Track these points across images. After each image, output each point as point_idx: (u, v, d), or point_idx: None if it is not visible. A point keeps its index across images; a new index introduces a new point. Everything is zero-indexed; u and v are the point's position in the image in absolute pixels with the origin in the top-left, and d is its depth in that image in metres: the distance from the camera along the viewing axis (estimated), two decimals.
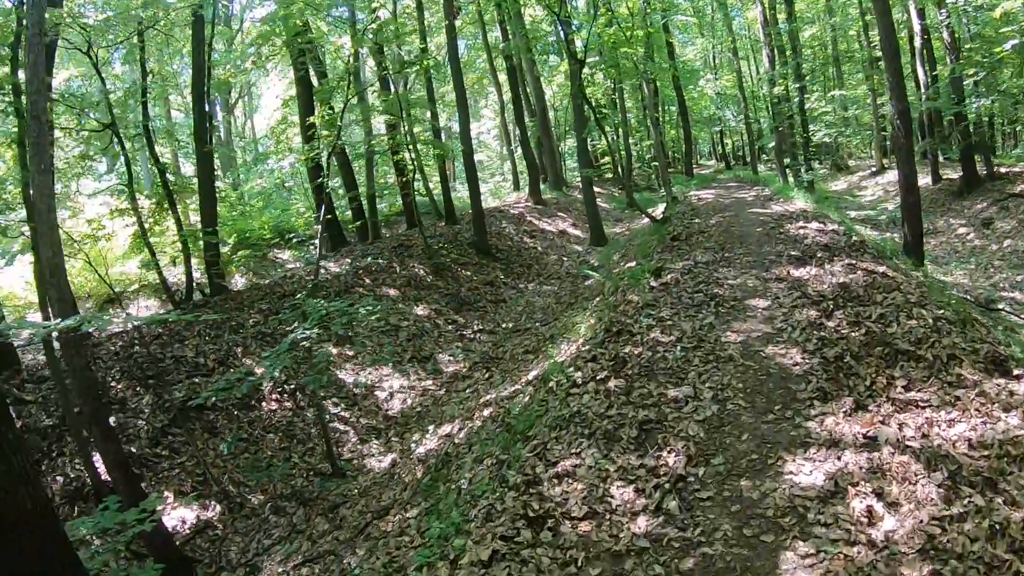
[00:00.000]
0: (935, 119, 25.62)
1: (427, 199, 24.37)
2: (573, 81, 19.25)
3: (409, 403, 12.31)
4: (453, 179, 41.54)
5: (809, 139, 30.50)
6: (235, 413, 11.28)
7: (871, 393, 5.89)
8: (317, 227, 14.09)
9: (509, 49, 26.10)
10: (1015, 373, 5.74)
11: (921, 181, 24.07)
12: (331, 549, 7.77)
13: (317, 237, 13.68)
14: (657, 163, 28.50)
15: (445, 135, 34.17)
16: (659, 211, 20.80)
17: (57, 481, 9.32)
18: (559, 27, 17.00)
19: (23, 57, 10.20)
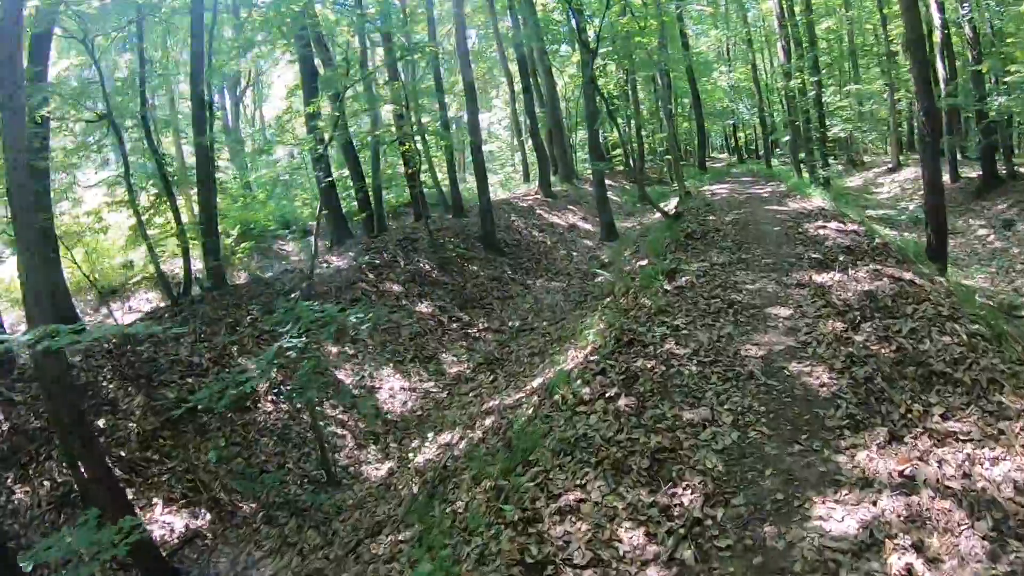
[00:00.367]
0: (954, 116, 25.01)
1: (436, 191, 23.91)
2: (585, 71, 18.72)
3: (410, 406, 11.87)
4: (463, 170, 41.14)
5: (825, 134, 29.89)
6: (228, 415, 10.81)
7: (906, 422, 5.39)
8: (312, 224, 13.63)
9: (520, 38, 25.52)
10: None
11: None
12: (321, 568, 7.37)
13: (312, 235, 13.20)
14: (670, 156, 27.94)
15: (456, 125, 33.70)
16: (672, 206, 20.31)
17: (44, 486, 8.91)
18: (571, 15, 16.43)
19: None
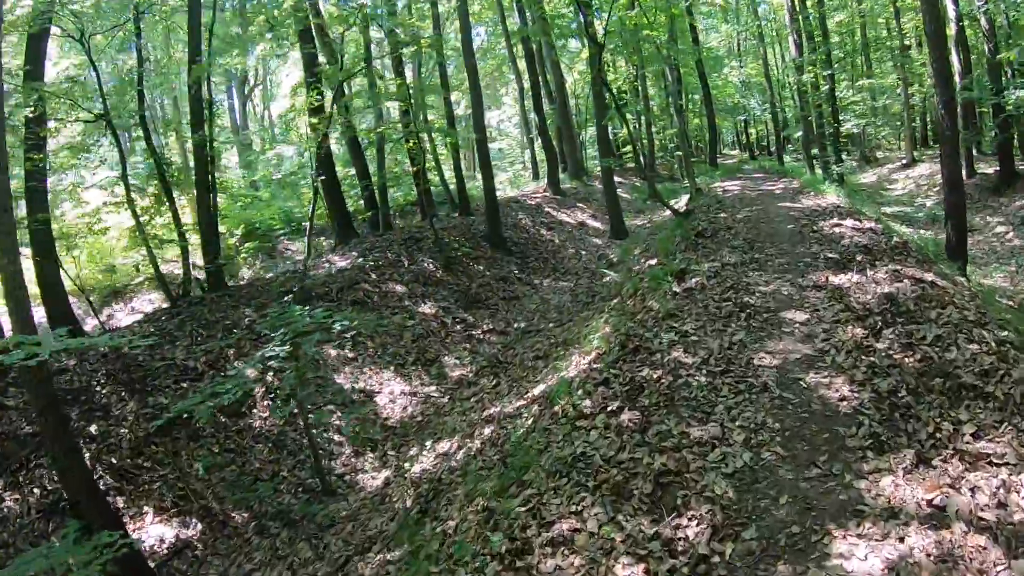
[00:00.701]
0: (969, 111, 24.49)
1: (443, 189, 23.58)
2: (593, 65, 18.35)
3: (410, 411, 11.48)
4: (472, 168, 40.80)
5: (839, 130, 29.43)
6: (223, 420, 10.47)
7: (934, 442, 4.95)
8: (306, 224, 13.29)
9: (526, 32, 25.11)
10: None
11: None
12: None
13: (308, 235, 12.85)
14: (680, 152, 27.51)
15: (465, 122, 33.39)
16: (682, 203, 19.92)
17: (34, 494, 8.58)
18: (578, 8, 16.04)
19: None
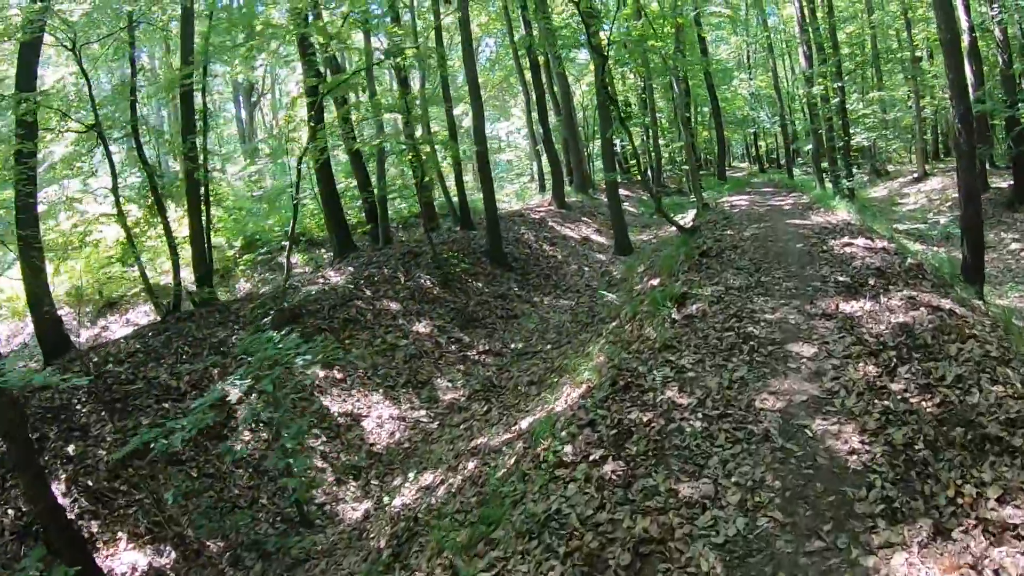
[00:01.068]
0: (982, 124, 23.96)
1: (446, 202, 23.16)
2: (597, 77, 17.90)
3: (397, 437, 10.99)
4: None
5: (849, 143, 28.96)
6: (204, 443, 10.02)
7: (955, 509, 4.35)
8: (285, 244, 12.85)
9: (529, 42, 24.70)
10: None
11: None
12: None
13: (286, 255, 12.40)
14: (687, 166, 27.05)
15: (470, 135, 33.04)
16: (689, 218, 19.48)
17: (8, 515, 8.24)
18: (581, 17, 15.60)
19: None
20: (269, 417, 8.81)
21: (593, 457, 5.58)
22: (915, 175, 31.01)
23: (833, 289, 8.57)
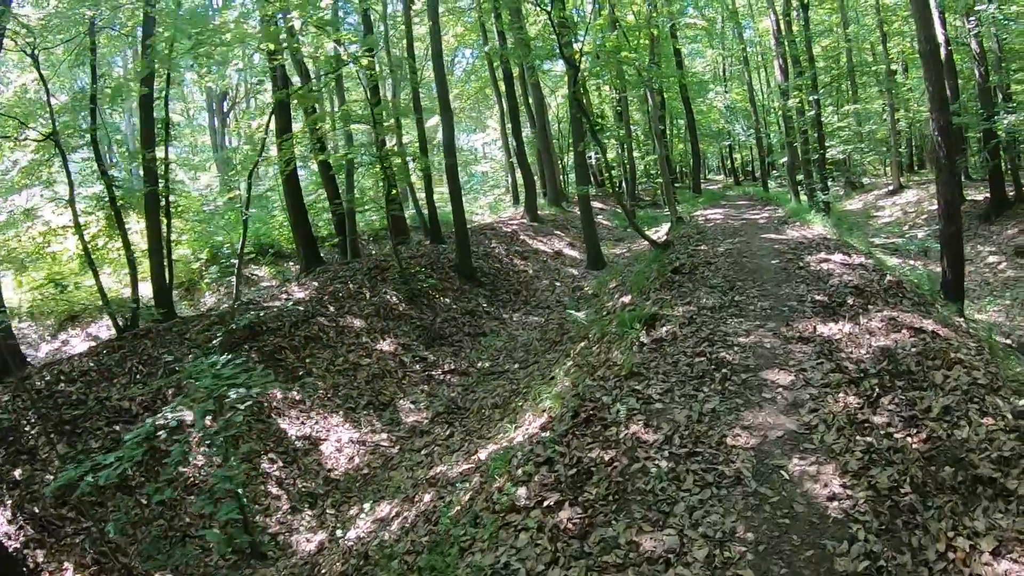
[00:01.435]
0: (958, 136, 23.88)
1: (420, 213, 22.72)
2: (570, 87, 17.53)
3: (356, 462, 10.46)
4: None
5: (824, 156, 28.84)
6: (155, 468, 9.47)
7: (946, 565, 3.90)
8: (235, 262, 12.34)
9: (500, 52, 24.29)
10: None
11: None
12: None
13: (235, 275, 11.87)
14: (662, 179, 26.76)
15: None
16: (663, 232, 19.13)
17: None
18: (553, 28, 15.24)
19: None
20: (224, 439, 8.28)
21: (548, 502, 5.06)
22: (890, 187, 30.94)
23: (810, 309, 8.16)
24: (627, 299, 11.46)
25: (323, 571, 7.44)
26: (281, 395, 11.52)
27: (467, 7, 30.57)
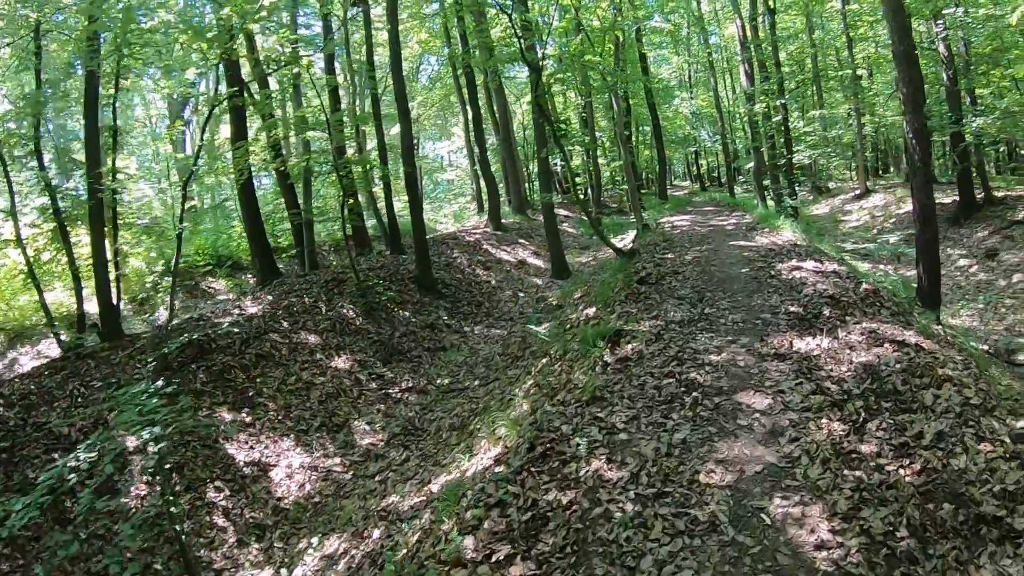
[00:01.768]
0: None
1: (381, 223, 22.14)
2: (532, 92, 17.06)
3: (308, 489, 9.80)
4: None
5: (792, 160, 28.68)
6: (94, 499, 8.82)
7: None
8: (167, 280, 11.68)
9: (462, 56, 23.77)
10: None
11: (910, 205, 22.33)
12: None
13: (169, 295, 11.17)
14: (627, 186, 26.41)
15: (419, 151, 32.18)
16: (629, 239, 18.69)
17: None
18: (514, 30, 14.80)
19: None
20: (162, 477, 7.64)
21: (498, 555, 4.42)
22: (857, 192, 30.79)
23: (785, 322, 7.66)
24: (591, 311, 10.92)
25: None
26: (230, 418, 10.88)
27: (432, 14, 30.10)
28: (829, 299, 8.23)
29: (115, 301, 14.09)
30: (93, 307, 14.45)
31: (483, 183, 27.82)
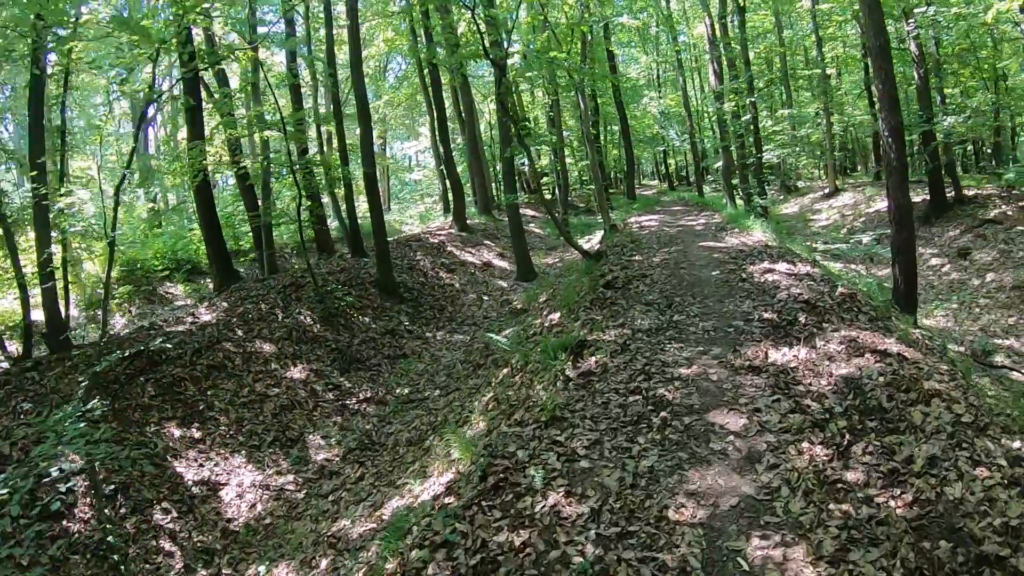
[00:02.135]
0: None
1: (344, 225, 21.61)
2: (497, 89, 16.60)
3: (259, 509, 9.24)
4: (387, 202, 39.40)
5: (761, 160, 28.47)
6: (35, 526, 8.16)
7: None
8: (99, 292, 11.09)
9: (425, 51, 23.24)
10: None
11: (880, 204, 22.19)
12: None
13: (102, 307, 10.58)
14: (595, 185, 26.03)
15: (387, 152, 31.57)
16: (596, 240, 18.29)
17: None
18: (477, 26, 14.33)
19: None
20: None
21: None
22: (826, 191, 30.67)
23: (759, 330, 7.21)
24: (556, 316, 10.45)
25: None
26: (179, 434, 10.29)
27: (398, 11, 29.57)
28: (804, 304, 7.82)
29: (63, 310, 13.40)
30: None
31: (449, 183, 27.35)
